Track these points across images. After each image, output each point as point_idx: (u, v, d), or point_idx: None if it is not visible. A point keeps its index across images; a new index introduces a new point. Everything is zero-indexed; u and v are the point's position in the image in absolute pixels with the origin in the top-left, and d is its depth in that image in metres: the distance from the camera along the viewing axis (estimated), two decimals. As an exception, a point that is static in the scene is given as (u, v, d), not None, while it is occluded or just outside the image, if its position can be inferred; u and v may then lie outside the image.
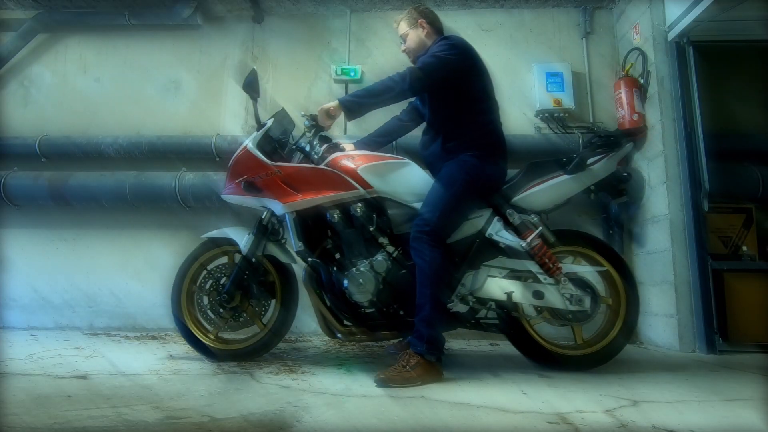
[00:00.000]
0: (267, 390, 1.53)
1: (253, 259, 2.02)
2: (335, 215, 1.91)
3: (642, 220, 2.89)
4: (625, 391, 1.58)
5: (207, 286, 2.09)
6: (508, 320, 1.95)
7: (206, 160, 3.25)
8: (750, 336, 2.51)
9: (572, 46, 3.33)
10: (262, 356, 2.08)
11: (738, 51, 3.01)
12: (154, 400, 1.38)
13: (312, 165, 1.98)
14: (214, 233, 2.12)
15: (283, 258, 2.07)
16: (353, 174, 1.92)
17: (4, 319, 3.19)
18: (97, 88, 3.49)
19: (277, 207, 1.97)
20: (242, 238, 2.04)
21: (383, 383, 1.61)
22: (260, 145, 1.98)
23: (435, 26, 2.08)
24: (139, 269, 3.21)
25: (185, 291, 2.08)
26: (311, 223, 2.00)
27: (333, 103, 1.88)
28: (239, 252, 2.05)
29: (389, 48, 3.43)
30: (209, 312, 2.07)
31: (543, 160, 1.98)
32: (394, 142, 2.57)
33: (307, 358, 2.07)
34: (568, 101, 3.11)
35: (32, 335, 2.79)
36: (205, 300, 2.08)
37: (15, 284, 3.23)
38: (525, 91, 3.28)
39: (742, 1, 2.40)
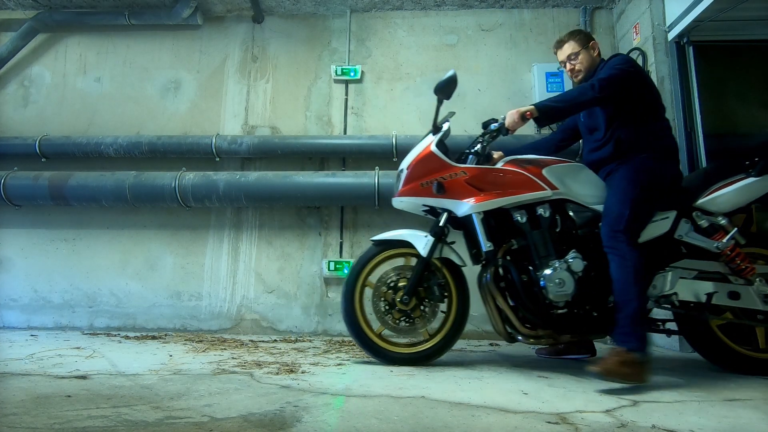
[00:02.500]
0: (267, 390, 1.53)
1: (430, 263, 1.99)
2: (521, 216, 1.91)
3: (642, 220, 2.88)
4: (625, 391, 1.58)
5: (383, 289, 2.02)
6: (691, 322, 1.92)
7: (206, 160, 3.26)
8: (750, 336, 2.51)
9: (572, 46, 3.33)
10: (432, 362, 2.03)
11: (738, 51, 3.01)
12: (154, 400, 1.37)
13: (495, 166, 1.99)
14: (385, 236, 2.06)
15: (458, 261, 2.05)
16: (539, 175, 1.94)
17: (4, 319, 3.19)
18: (97, 88, 3.49)
19: (464, 208, 1.95)
20: (418, 241, 1.99)
21: (602, 375, 1.59)
22: (438, 148, 1.99)
23: (598, 48, 2.16)
24: (139, 269, 3.21)
25: (358, 294, 2.02)
26: (494, 224, 1.98)
27: (529, 107, 1.87)
28: (412, 255, 2.02)
29: (389, 48, 3.43)
30: (385, 315, 2.00)
31: (720, 163, 1.95)
32: None
33: (308, 358, 2.06)
34: (568, 101, 3.10)
35: (32, 335, 2.79)
36: (382, 304, 2.02)
37: (15, 284, 3.23)
38: (525, 91, 3.28)
39: (742, 0, 2.40)
